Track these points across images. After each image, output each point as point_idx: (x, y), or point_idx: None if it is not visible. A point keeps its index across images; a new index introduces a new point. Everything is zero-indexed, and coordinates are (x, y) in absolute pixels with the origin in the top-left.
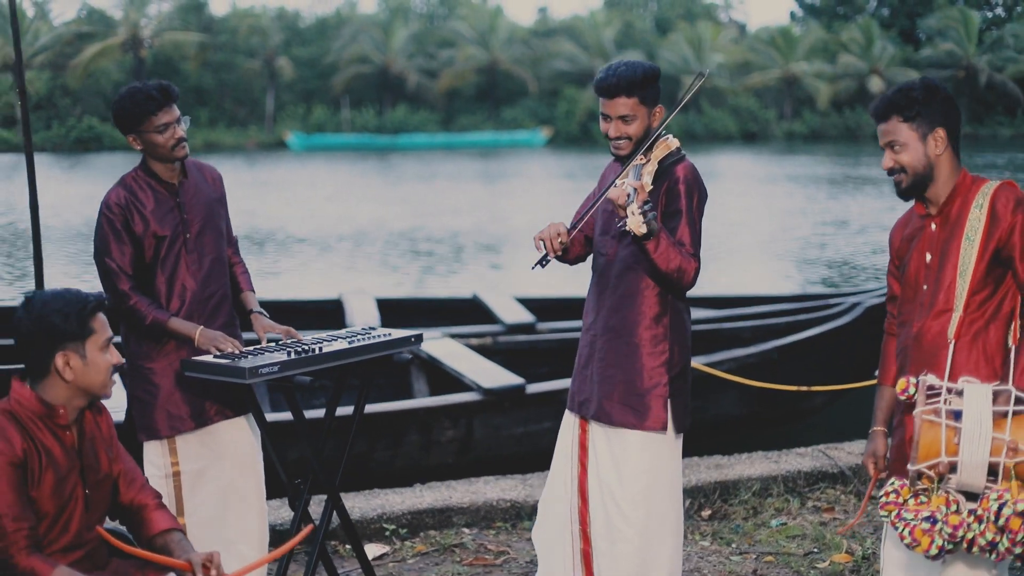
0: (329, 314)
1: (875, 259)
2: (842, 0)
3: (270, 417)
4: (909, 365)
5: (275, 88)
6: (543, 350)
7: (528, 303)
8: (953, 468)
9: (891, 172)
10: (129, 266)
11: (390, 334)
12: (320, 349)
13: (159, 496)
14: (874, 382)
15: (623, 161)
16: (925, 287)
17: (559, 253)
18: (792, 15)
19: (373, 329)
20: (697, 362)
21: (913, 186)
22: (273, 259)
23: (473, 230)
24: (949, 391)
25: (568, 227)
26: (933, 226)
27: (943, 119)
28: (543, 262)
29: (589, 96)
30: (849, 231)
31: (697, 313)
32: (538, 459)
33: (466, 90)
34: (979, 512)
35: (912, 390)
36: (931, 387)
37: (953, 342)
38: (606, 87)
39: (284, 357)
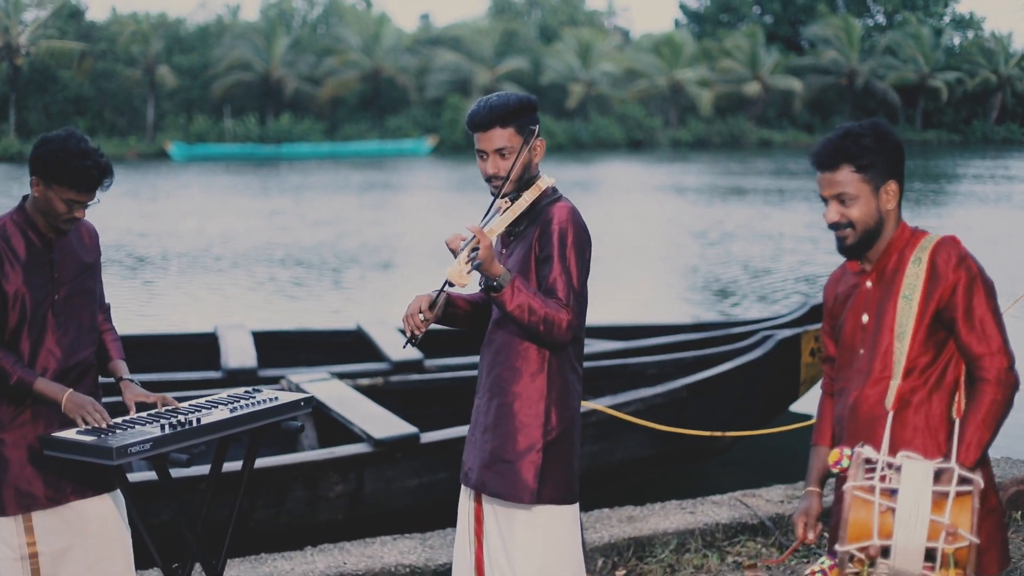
0: (203, 350)
1: (728, 270)
2: (725, 7)
3: (140, 476)
4: (845, 437)
5: (156, 97)
6: (436, 389)
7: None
8: (886, 552)
9: (836, 227)
10: None
11: (277, 398)
12: (198, 420)
13: None
14: (787, 428)
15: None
16: (862, 351)
17: (422, 331)
18: (676, 22)
19: (258, 391)
20: (602, 404)
21: (860, 243)
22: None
23: (340, 244)
24: (888, 466)
25: (434, 297)
26: (868, 283)
27: (895, 170)
28: (412, 341)
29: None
30: (705, 240)
31: (597, 346)
32: (434, 513)
33: (350, 99)
34: None
35: (846, 462)
36: (867, 460)
37: (891, 413)
38: (479, 120)
39: (157, 432)
